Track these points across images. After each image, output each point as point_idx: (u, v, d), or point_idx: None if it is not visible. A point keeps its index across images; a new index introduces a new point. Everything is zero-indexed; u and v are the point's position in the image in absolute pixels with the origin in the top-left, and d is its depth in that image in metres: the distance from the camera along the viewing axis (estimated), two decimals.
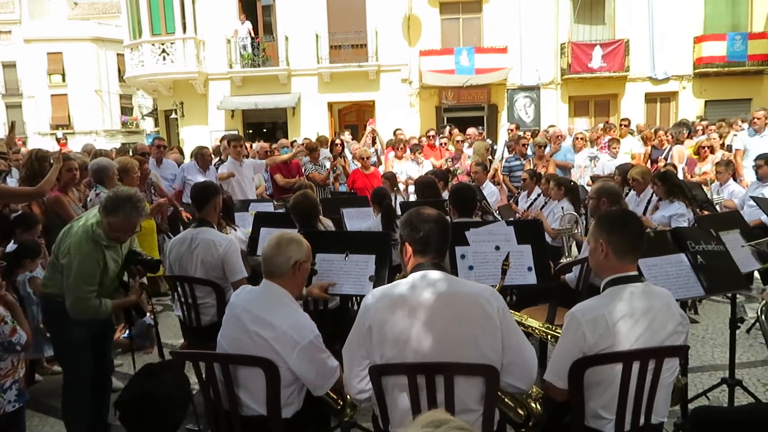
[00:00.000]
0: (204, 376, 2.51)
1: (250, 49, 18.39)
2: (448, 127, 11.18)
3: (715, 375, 4.18)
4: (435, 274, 2.26)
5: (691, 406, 3.28)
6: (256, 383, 2.46)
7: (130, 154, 7.59)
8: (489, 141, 12.00)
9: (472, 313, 2.17)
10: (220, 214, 4.28)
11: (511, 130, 11.45)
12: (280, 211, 5.76)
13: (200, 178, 7.22)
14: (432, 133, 10.32)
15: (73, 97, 34.94)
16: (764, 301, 2.85)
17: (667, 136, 9.60)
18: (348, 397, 2.61)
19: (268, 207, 6.13)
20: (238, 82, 18.63)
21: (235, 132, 16.52)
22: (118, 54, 32.58)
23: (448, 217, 4.38)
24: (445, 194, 6.13)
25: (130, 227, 3.36)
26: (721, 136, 9.65)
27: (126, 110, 37.10)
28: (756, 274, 4.21)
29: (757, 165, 6.66)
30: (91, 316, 3.35)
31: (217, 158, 9.06)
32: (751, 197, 6.14)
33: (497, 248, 3.28)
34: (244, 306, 2.55)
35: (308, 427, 2.65)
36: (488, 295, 2.22)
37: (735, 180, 7.67)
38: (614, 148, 9.25)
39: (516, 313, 3.02)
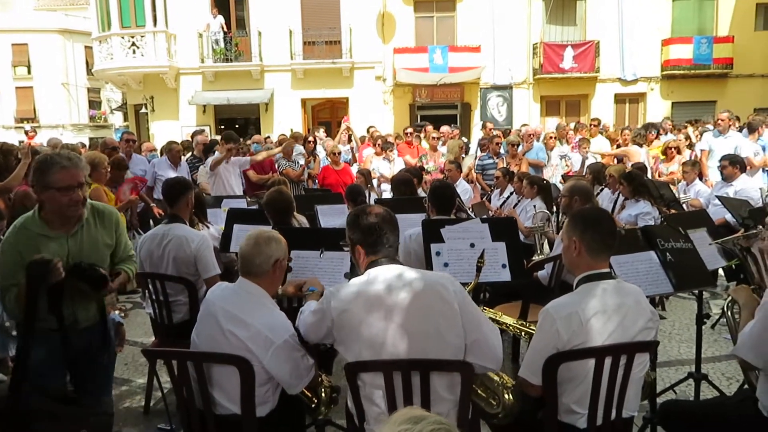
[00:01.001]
0: (177, 374, 2.48)
1: (222, 44, 18.18)
2: (427, 125, 11.20)
3: (682, 369, 4.27)
4: (410, 273, 2.29)
5: (659, 400, 3.34)
6: (231, 382, 2.43)
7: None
8: (464, 139, 12.07)
9: (433, 302, 2.21)
10: (192, 211, 4.22)
11: (490, 130, 11.51)
12: (254, 207, 5.71)
13: (171, 174, 7.12)
14: (410, 130, 10.33)
15: (38, 89, 34.00)
16: (730, 298, 2.92)
17: (624, 136, 9.76)
18: (323, 395, 2.61)
19: (242, 204, 6.06)
20: (210, 77, 18.40)
21: (207, 127, 16.34)
22: (86, 46, 31.78)
23: (425, 215, 4.42)
24: (420, 191, 6.15)
25: (63, 196, 2.56)
26: (687, 138, 9.87)
27: (94, 104, 36.28)
28: (720, 272, 4.32)
29: (722, 165, 6.83)
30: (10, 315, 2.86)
31: (189, 153, 8.93)
32: (716, 196, 6.29)
33: (472, 245, 3.30)
34: (220, 303, 2.52)
35: (283, 425, 2.64)
36: (444, 281, 2.28)
37: (701, 180, 7.86)
38: (584, 148, 9.38)
39: (490, 309, 3.06)
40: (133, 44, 17.84)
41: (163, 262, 3.78)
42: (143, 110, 19.26)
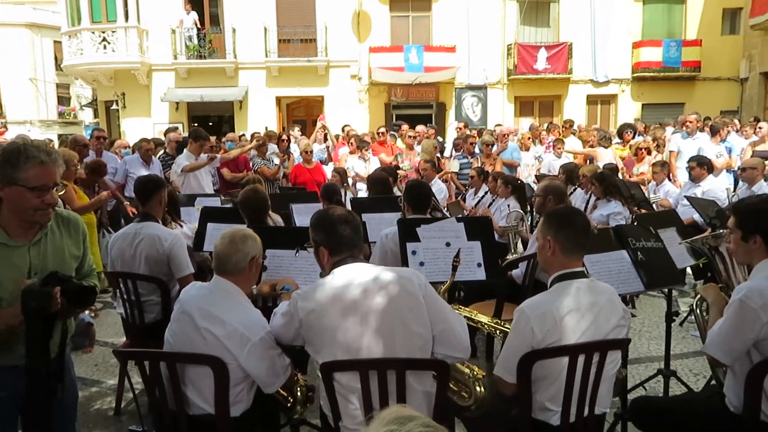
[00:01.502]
0: (149, 375, 2.44)
1: (195, 41, 17.95)
2: (403, 125, 11.22)
3: (651, 366, 4.36)
4: (374, 270, 2.31)
5: (630, 397, 3.40)
6: (204, 381, 2.41)
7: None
8: (440, 139, 12.13)
9: (398, 296, 2.24)
10: (165, 209, 4.16)
11: (460, 129, 11.60)
12: (228, 206, 5.65)
13: (143, 172, 7.00)
14: (382, 130, 10.33)
15: (5, 85, 33.11)
16: (699, 296, 2.99)
17: (592, 135, 9.91)
18: (299, 394, 2.60)
19: (215, 202, 6.00)
20: (183, 73, 18.16)
21: (180, 125, 16.13)
22: (55, 41, 31.05)
23: (400, 214, 4.42)
24: (396, 191, 6.16)
25: (35, 197, 2.16)
26: (655, 139, 10.06)
27: (63, 100, 35.47)
28: (689, 270, 4.42)
29: (690, 167, 6.98)
30: None
31: (162, 151, 8.80)
32: (685, 197, 6.44)
33: (448, 245, 3.32)
34: (194, 302, 2.50)
35: (257, 425, 2.62)
36: (408, 274, 2.32)
37: (670, 180, 8.03)
38: (558, 148, 9.50)
39: (465, 308, 3.07)
40: (104, 39, 17.50)
41: (135, 262, 3.72)
42: (114, 107, 18.91)
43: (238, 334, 2.39)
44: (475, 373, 2.48)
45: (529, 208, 6.72)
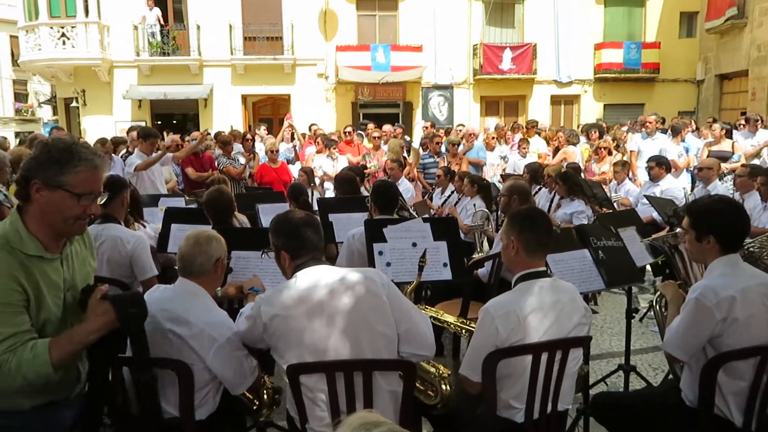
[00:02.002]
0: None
1: (159, 37, 17.64)
2: (370, 124, 11.23)
3: (612, 362, 4.46)
4: (338, 272, 2.33)
5: (591, 392, 3.48)
6: (169, 385, 2.38)
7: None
8: (407, 138, 12.16)
9: (362, 296, 2.25)
10: (128, 210, 4.08)
11: (426, 128, 11.66)
12: (192, 206, 5.58)
13: None
14: (349, 129, 10.32)
15: None
16: (658, 293, 3.08)
17: (558, 137, 10.11)
18: (265, 396, 2.59)
19: (180, 202, 5.90)
20: (146, 70, 17.81)
21: (143, 123, 15.81)
22: (11, 36, 30.09)
23: (368, 214, 4.43)
24: (363, 191, 6.16)
25: (78, 205, 1.93)
26: (615, 139, 10.30)
27: (20, 96, 34.39)
28: (648, 267, 4.55)
29: (649, 166, 7.18)
30: (17, 388, 1.86)
31: (124, 150, 8.62)
32: (645, 196, 6.62)
33: (414, 245, 3.34)
34: (158, 305, 2.46)
35: (223, 428, 2.60)
36: (371, 274, 2.34)
37: (630, 179, 8.23)
38: (524, 148, 9.63)
39: (431, 308, 3.10)
40: (63, 35, 17.04)
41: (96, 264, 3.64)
42: (74, 104, 18.44)
43: (205, 335, 2.37)
44: (440, 371, 2.51)
45: (494, 208, 6.81)
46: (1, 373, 1.82)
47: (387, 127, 10.92)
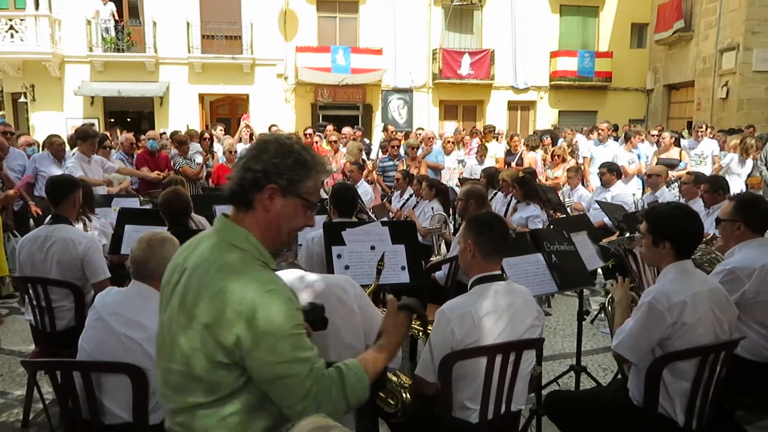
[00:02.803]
0: (60, 384, 2.34)
1: (113, 33, 17.18)
2: (329, 126, 11.20)
3: (564, 362, 4.57)
4: (310, 276, 2.32)
5: (544, 392, 3.57)
6: (122, 389, 2.34)
7: None
8: (366, 140, 12.19)
9: (332, 305, 2.23)
10: (79, 210, 3.98)
11: (391, 132, 11.68)
12: (147, 207, 5.47)
13: (55, 171, 6.62)
14: (310, 131, 10.28)
15: None
16: (610, 295, 3.19)
17: (515, 143, 10.32)
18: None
19: (134, 203, 5.78)
20: (99, 66, 17.33)
21: (95, 120, 15.40)
22: None
23: (326, 217, 4.43)
24: (322, 193, 6.16)
25: (305, 216, 1.75)
26: (570, 145, 10.59)
27: None
28: (599, 271, 4.70)
29: (601, 172, 7.41)
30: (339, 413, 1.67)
31: (76, 148, 8.36)
32: (596, 201, 6.82)
33: (372, 248, 3.37)
34: (111, 308, 2.42)
35: None
36: (343, 283, 2.33)
37: (583, 185, 8.47)
38: (482, 155, 9.71)
39: None
40: (11, 28, 16.40)
41: (46, 266, 3.55)
42: (22, 99, 17.78)
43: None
44: (402, 380, 2.51)
45: (452, 211, 6.90)
46: (328, 397, 1.63)
47: (347, 130, 10.93)
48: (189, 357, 1.61)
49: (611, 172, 7.26)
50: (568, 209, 7.19)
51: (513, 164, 9.65)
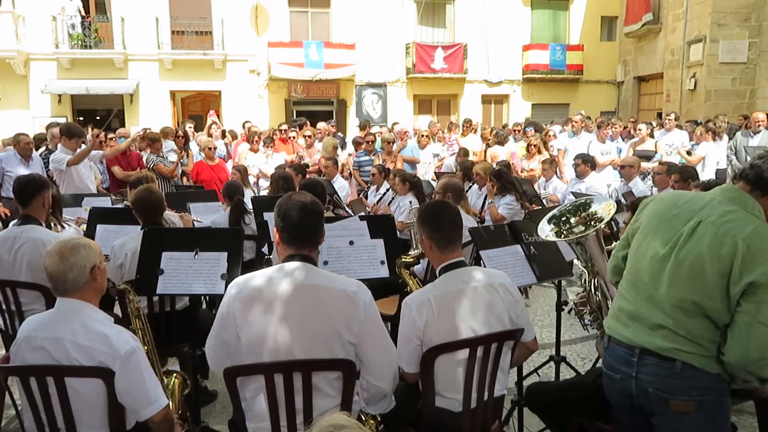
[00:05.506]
0: (35, 392, 2.27)
1: (79, 29, 16.78)
2: (305, 121, 11.12)
3: (544, 353, 4.61)
4: (293, 264, 2.27)
5: (525, 383, 3.59)
6: (93, 396, 2.27)
7: None
8: (341, 135, 12.13)
9: (335, 307, 2.21)
10: (49, 211, 3.88)
11: (368, 133, 11.61)
12: (119, 206, 5.36)
13: (23, 171, 6.47)
14: (284, 127, 10.19)
15: None
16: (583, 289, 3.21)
17: (491, 136, 10.36)
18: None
19: (105, 202, 5.67)
20: (66, 64, 16.93)
21: (63, 119, 15.02)
22: None
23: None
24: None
25: None
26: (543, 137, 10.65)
27: None
28: (576, 261, 4.73)
29: (576, 164, 7.48)
30: None
31: (44, 147, 8.17)
32: (571, 192, 6.89)
33: (351, 243, 3.34)
34: (46, 334, 2.24)
35: None
36: (355, 288, 2.28)
37: (557, 176, 8.55)
38: (461, 155, 9.66)
39: None
40: None
41: (15, 268, 3.45)
42: None
43: (103, 355, 2.18)
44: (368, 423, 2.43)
45: None
46: None
47: (322, 125, 10.87)
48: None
49: (585, 163, 7.34)
50: (544, 201, 7.25)
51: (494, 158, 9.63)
